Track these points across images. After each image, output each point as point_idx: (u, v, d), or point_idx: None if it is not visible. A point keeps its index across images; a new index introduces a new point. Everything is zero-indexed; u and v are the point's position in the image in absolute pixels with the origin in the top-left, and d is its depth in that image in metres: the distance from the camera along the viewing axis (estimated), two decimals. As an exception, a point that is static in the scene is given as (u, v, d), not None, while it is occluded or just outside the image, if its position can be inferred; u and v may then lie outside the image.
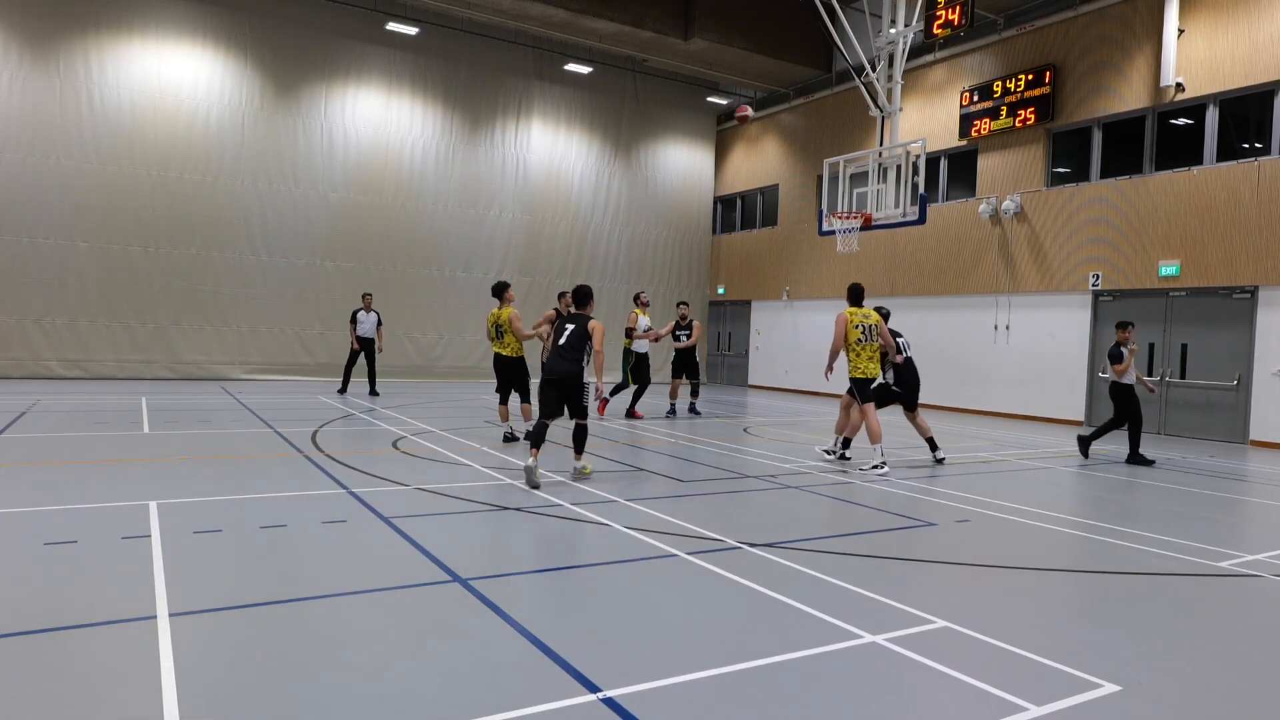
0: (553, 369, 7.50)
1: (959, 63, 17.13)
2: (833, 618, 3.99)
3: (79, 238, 16.08)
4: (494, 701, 2.98)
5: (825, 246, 18.87)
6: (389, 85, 18.97)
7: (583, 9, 18.08)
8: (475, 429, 10.97)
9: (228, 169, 17.37)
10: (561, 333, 7.65)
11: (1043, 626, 4.10)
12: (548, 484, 7.18)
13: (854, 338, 8.85)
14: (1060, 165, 15.69)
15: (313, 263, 18.28)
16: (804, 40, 19.79)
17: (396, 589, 4.29)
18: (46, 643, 3.40)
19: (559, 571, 4.75)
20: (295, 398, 14.08)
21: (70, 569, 4.37)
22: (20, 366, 15.69)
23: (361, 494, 6.46)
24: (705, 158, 23.66)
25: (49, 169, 15.81)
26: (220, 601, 3.96)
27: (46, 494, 6.07)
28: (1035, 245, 15.67)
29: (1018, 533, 6.11)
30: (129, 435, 9.27)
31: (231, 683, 3.11)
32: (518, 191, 20.70)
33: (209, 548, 4.90)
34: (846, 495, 7.30)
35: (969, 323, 16.79)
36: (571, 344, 7.52)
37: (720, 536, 5.52)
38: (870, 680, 3.35)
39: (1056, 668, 3.49)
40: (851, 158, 13.90)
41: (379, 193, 18.97)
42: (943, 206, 17.24)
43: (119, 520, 5.38)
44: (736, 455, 9.60)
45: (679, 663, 3.40)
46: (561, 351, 7.51)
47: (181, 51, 16.87)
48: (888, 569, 5.00)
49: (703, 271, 23.81)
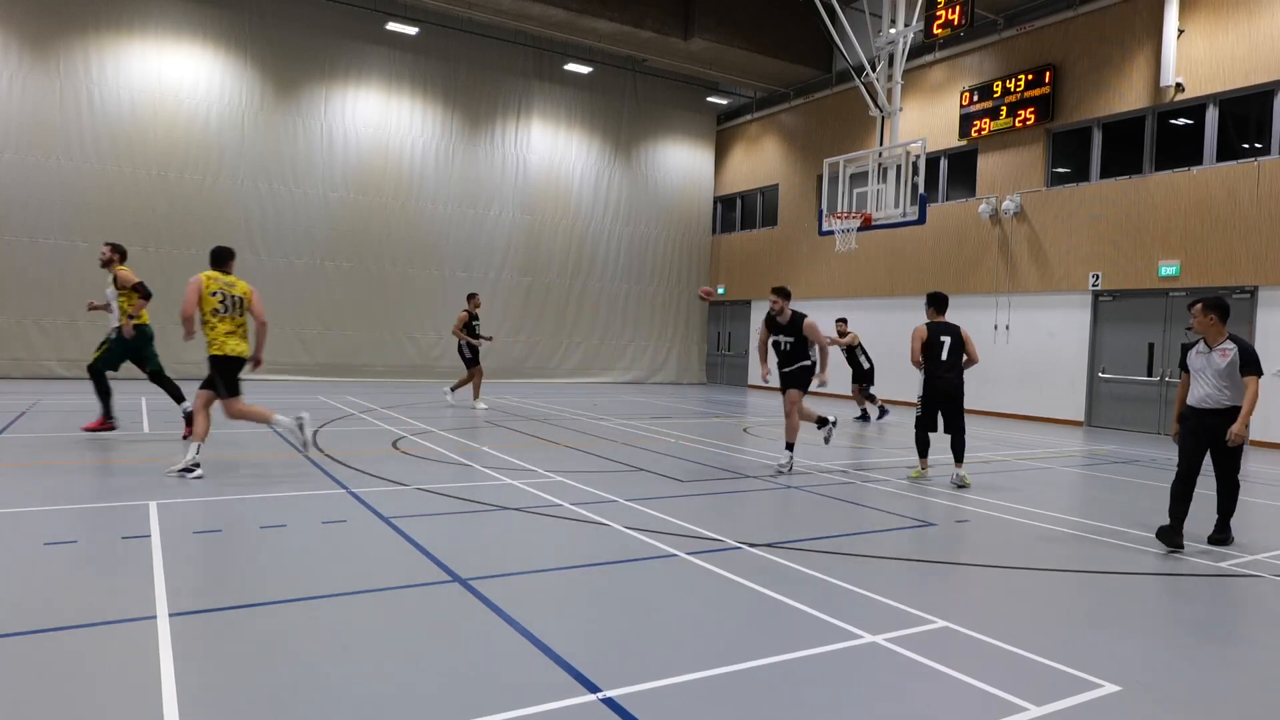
0: (943, 384, 7.92)
1: (959, 63, 17.13)
2: (832, 618, 3.99)
3: (79, 237, 16.07)
4: (494, 701, 2.98)
5: (825, 246, 18.85)
6: (389, 85, 18.96)
7: (583, 9, 18.08)
8: (476, 429, 10.97)
9: (228, 169, 17.37)
10: (939, 347, 7.97)
11: (1043, 626, 4.10)
12: (546, 484, 7.18)
13: (210, 307, 7.18)
14: (1060, 165, 15.69)
15: (312, 263, 18.28)
16: (804, 40, 19.79)
17: (397, 589, 4.29)
18: (46, 642, 3.40)
19: (559, 571, 4.74)
20: (296, 398, 14.07)
21: (70, 569, 4.37)
22: (20, 366, 15.69)
23: (361, 494, 6.46)
24: (705, 157, 23.66)
25: (49, 169, 15.81)
26: (220, 601, 3.95)
27: (46, 494, 6.07)
28: (1035, 245, 15.66)
29: (1018, 533, 6.11)
30: (129, 435, 9.27)
31: (231, 683, 3.11)
32: (518, 191, 20.70)
33: (209, 548, 4.90)
34: (847, 495, 7.30)
35: (969, 322, 16.59)
36: (953, 355, 8.00)
37: (720, 536, 5.51)
38: (870, 680, 3.35)
39: (1056, 668, 3.49)
40: (851, 158, 13.90)
41: (379, 193, 18.97)
42: (943, 206, 17.24)
43: (119, 520, 5.37)
44: (736, 455, 9.60)
45: (679, 663, 3.40)
46: (946, 365, 7.95)
47: (182, 51, 16.87)
48: (888, 569, 5.00)
49: (702, 271, 23.80)
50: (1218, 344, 5.72)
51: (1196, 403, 5.80)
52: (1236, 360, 5.65)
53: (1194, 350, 5.91)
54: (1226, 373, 5.65)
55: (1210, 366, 5.72)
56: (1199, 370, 5.81)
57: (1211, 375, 5.71)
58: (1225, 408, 5.67)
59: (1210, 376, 5.71)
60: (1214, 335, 5.76)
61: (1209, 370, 5.71)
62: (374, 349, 19.02)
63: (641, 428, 11.89)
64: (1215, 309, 5.75)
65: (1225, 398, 5.66)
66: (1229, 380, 5.65)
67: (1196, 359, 5.85)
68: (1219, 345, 5.71)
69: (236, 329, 7.35)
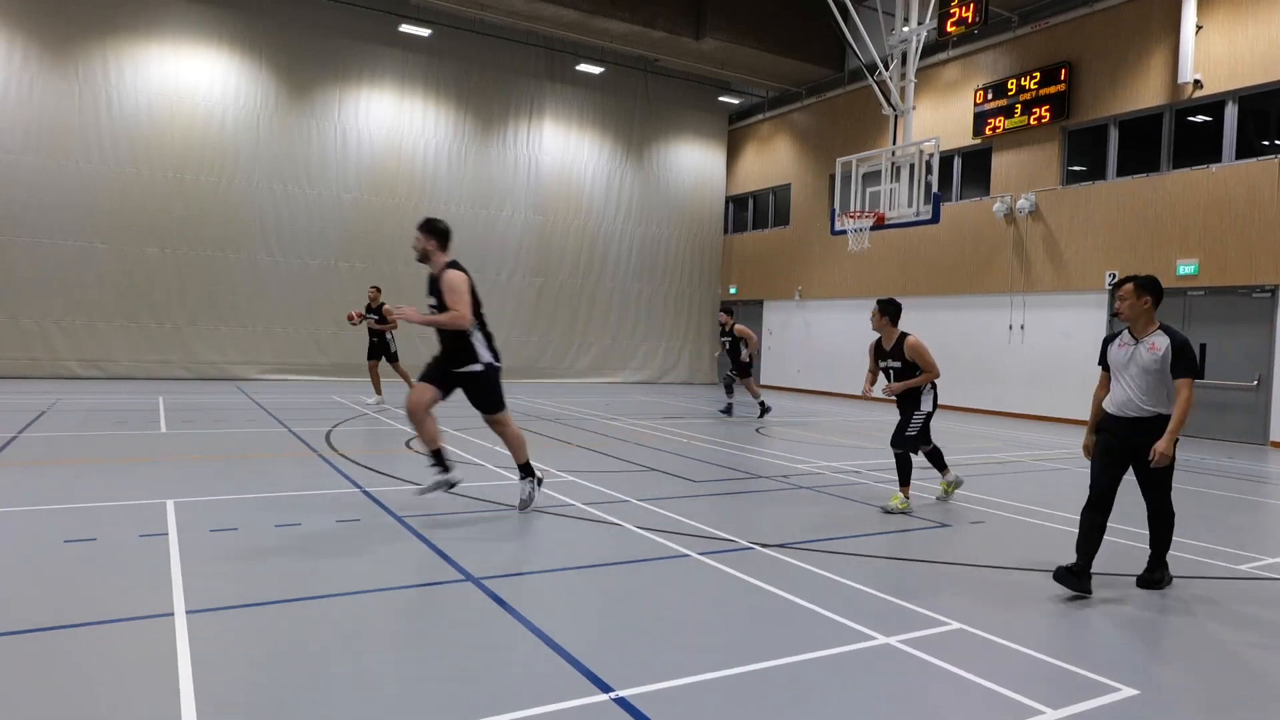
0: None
1: (973, 60, 17.02)
2: (846, 619, 3.97)
3: (97, 239, 16.25)
4: (507, 700, 2.99)
5: (837, 246, 18.77)
6: (402, 87, 19.06)
7: (594, 10, 18.10)
8: (488, 429, 10.98)
9: (243, 171, 17.50)
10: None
11: (1059, 629, 4.06)
12: (558, 484, 7.19)
13: None
14: (1076, 163, 15.55)
15: (326, 263, 18.39)
16: (816, 39, 19.72)
17: (410, 587, 4.31)
18: (65, 639, 3.44)
19: (571, 571, 4.75)
20: (310, 397, 14.17)
21: (89, 566, 4.41)
22: (39, 366, 15.87)
23: (375, 493, 6.50)
24: (717, 157, 23.63)
25: (68, 172, 15.99)
26: (236, 599, 3.99)
27: (66, 492, 6.14)
28: (1050, 244, 15.54)
29: (1033, 534, 6.06)
30: (146, 434, 9.35)
31: (247, 679, 3.13)
32: (530, 192, 20.75)
33: (225, 546, 4.94)
34: (860, 496, 7.26)
35: (983, 322, 16.68)
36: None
37: (732, 537, 5.50)
38: (884, 682, 3.33)
39: (1073, 671, 3.46)
40: (864, 157, 13.84)
41: (392, 194, 19.06)
42: (956, 205, 17.14)
43: (137, 518, 5.42)
44: (748, 455, 9.58)
45: (691, 663, 3.40)
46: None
47: (198, 55, 17.02)
48: (902, 570, 4.97)
49: (714, 271, 23.77)
50: (1146, 334, 4.55)
51: (1116, 409, 4.60)
52: (1168, 357, 4.44)
53: (1115, 342, 4.70)
54: (1155, 372, 4.46)
55: (1135, 363, 4.52)
56: (1120, 367, 4.60)
57: (1136, 374, 4.51)
58: (1149, 415, 4.48)
59: (1134, 376, 4.52)
60: (1143, 324, 4.56)
61: (1133, 367, 4.53)
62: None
63: (653, 428, 11.88)
64: (1149, 290, 4.55)
65: (1149, 403, 4.48)
66: (1157, 381, 4.47)
67: (1118, 353, 4.63)
68: (1147, 336, 4.54)
69: None
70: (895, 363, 6.73)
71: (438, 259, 6.01)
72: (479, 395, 6.01)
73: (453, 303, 5.70)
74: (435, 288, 5.90)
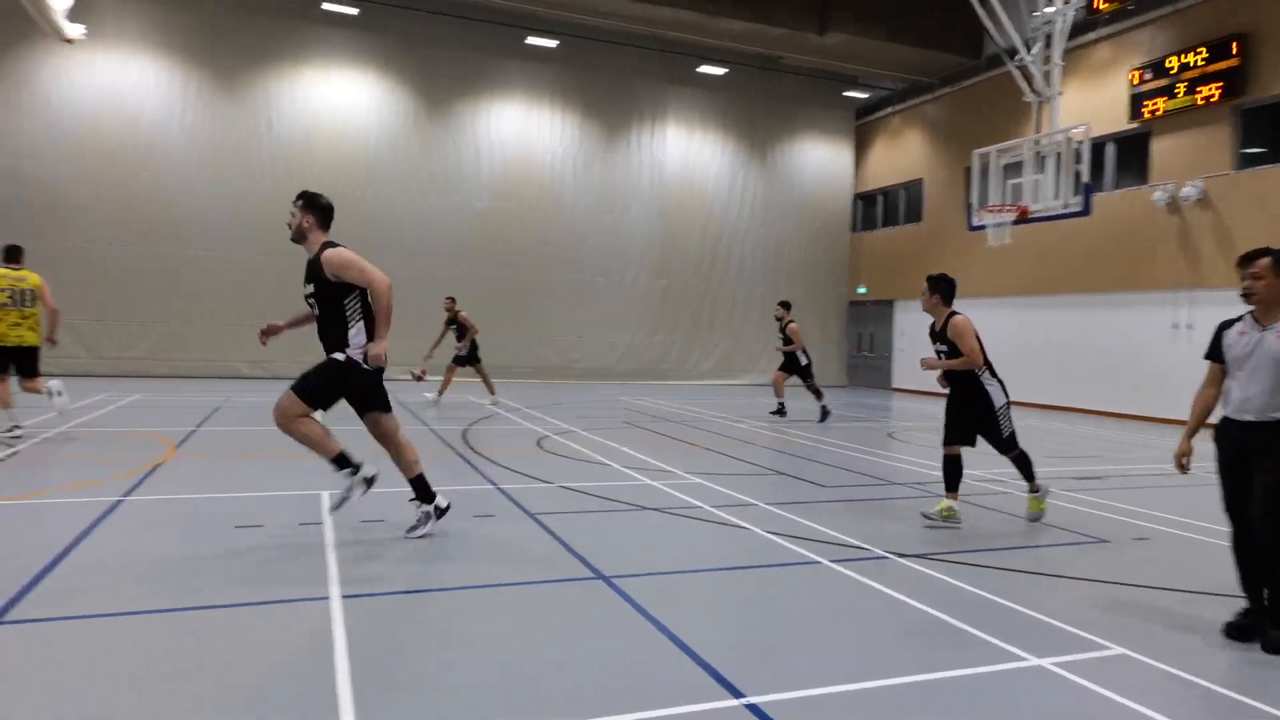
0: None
1: (1126, 39, 15.73)
2: (992, 636, 3.75)
3: (259, 252, 17.75)
4: (637, 699, 3.01)
5: (974, 242, 17.82)
6: (529, 97, 19.74)
7: (713, 10, 18.05)
8: (615, 430, 11.17)
9: (385, 183, 18.63)
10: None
11: (1230, 657, 3.68)
12: (685, 485, 7.20)
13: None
14: (1252, 145, 14.07)
15: (458, 270, 19.08)
16: (948, 26, 18.81)
17: (543, 583, 4.43)
18: (245, 615, 3.75)
19: (700, 573, 4.74)
20: (450, 397, 14.85)
21: (257, 550, 4.81)
22: (211, 366, 17.58)
23: (509, 490, 6.73)
24: (844, 154, 23.01)
25: (234, 189, 17.58)
26: (385, 586, 4.24)
27: (238, 482, 6.73)
28: (1222, 234, 14.12)
29: (1204, 553, 5.52)
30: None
31: (396, 660, 3.32)
32: (654, 195, 20.95)
33: (373, 535, 5.26)
34: (1003, 506, 6.86)
35: (1141, 321, 15.36)
36: None
37: (865, 545, 5.33)
38: (1035, 707, 3.12)
39: (1244, 701, 3.13)
40: (1004, 147, 13.10)
41: (520, 200, 19.74)
42: (1108, 195, 15.89)
43: (296, 507, 5.88)
44: (880, 461, 9.26)
45: (823, 673, 3.31)
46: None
47: (345, 77, 18.33)
48: (1052, 587, 4.65)
49: (841, 270, 23.15)
50: (1277, 320, 3.80)
51: (1234, 411, 3.84)
52: None
53: (1233, 328, 3.92)
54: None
55: (1263, 353, 3.74)
56: (1238, 359, 3.83)
57: (1262, 368, 3.73)
58: (1273, 420, 3.68)
59: (1258, 371, 3.74)
60: (1273, 306, 3.79)
61: (1258, 359, 3.75)
62: (515, 350, 19.75)
63: (780, 430, 11.69)
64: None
65: (1276, 405, 3.69)
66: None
67: (1238, 341, 3.86)
68: (1279, 323, 3.78)
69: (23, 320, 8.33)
70: (943, 346, 6.18)
71: (315, 238, 5.13)
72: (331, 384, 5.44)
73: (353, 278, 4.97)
74: (314, 273, 5.09)
